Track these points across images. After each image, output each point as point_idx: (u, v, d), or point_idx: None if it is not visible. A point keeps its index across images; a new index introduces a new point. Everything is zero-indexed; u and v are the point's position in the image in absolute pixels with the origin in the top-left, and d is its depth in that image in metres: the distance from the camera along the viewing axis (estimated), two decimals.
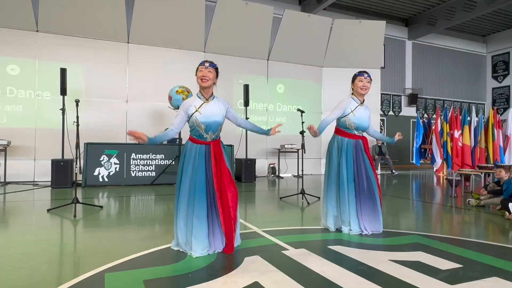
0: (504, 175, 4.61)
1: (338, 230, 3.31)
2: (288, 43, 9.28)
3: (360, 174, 3.17)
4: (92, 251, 2.63)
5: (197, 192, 2.56)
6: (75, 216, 3.82)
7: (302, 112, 5.21)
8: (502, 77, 15.30)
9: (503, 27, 14.66)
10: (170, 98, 6.86)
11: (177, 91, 6.79)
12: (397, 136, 3.51)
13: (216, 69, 2.67)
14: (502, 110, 14.64)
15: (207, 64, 2.62)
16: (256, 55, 9.18)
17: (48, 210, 4.12)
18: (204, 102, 2.63)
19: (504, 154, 9.16)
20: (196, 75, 2.63)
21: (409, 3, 12.40)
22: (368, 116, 3.27)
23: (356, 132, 3.24)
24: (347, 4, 12.29)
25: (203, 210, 2.55)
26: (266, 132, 2.94)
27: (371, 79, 3.23)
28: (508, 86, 15.01)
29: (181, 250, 2.60)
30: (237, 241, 2.73)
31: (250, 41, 8.90)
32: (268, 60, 9.40)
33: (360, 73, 3.23)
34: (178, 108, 6.74)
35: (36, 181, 7.04)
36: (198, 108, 2.60)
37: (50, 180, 6.30)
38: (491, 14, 13.09)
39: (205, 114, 2.60)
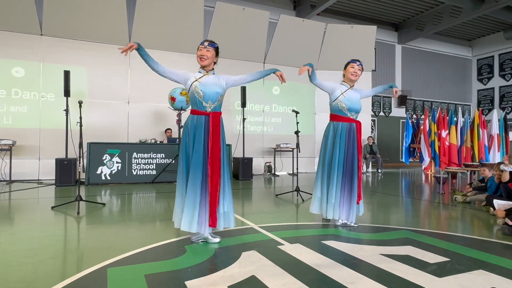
0: (488, 173, 4.83)
1: (325, 219, 3.44)
2: (284, 46, 9.54)
3: (348, 158, 3.27)
4: (95, 247, 2.67)
5: (192, 165, 2.65)
6: (78, 213, 3.88)
7: (297, 113, 5.31)
8: (486, 80, 15.82)
9: (488, 32, 15.14)
10: (173, 99, 7.04)
11: (181, 93, 7.00)
12: (395, 94, 3.42)
13: (216, 48, 2.77)
14: (486, 111, 15.14)
15: (206, 43, 2.73)
16: (252, 58, 9.44)
17: (52, 208, 4.19)
18: (204, 75, 2.78)
19: (489, 152, 9.50)
20: (196, 54, 2.77)
21: (399, 9, 12.77)
22: (358, 98, 3.34)
23: (349, 115, 3.31)
24: (340, 9, 12.62)
25: (197, 182, 2.64)
26: (273, 70, 2.95)
27: (362, 68, 3.31)
28: (493, 88, 15.52)
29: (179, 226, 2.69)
30: (221, 225, 2.76)
31: (246, 45, 9.14)
32: (264, 63, 9.67)
33: (353, 60, 3.33)
34: (180, 109, 7.03)
35: (40, 180, 7.19)
36: (198, 79, 2.74)
37: (54, 178, 6.42)
38: (476, 19, 13.55)
39: (204, 83, 2.72)
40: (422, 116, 11.57)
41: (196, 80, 2.73)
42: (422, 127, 9.76)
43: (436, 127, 9.39)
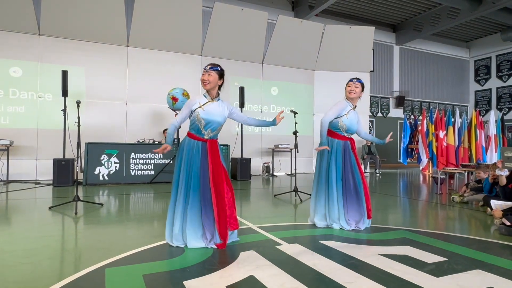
0: (483, 175, 4.88)
1: (327, 227, 3.42)
2: (282, 47, 9.56)
3: (347, 174, 3.31)
4: (92, 247, 2.67)
5: (192, 186, 2.68)
6: (76, 213, 3.87)
7: (295, 113, 5.31)
8: (484, 81, 15.89)
9: (485, 33, 15.21)
10: (174, 99, 7.00)
11: (183, 94, 7.01)
12: (388, 138, 3.57)
13: (218, 71, 2.75)
14: (484, 112, 15.21)
15: (208, 67, 2.75)
16: (251, 58, 9.45)
17: (50, 208, 4.18)
18: (209, 101, 2.77)
19: (486, 153, 9.56)
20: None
21: (397, 10, 12.81)
22: (357, 120, 3.43)
23: (345, 134, 3.39)
24: (338, 10, 12.65)
25: (197, 203, 2.68)
26: (273, 123, 3.07)
27: (360, 84, 3.36)
28: (490, 89, 15.58)
29: (175, 243, 2.68)
30: (234, 237, 2.82)
31: (245, 45, 9.15)
32: (262, 63, 9.69)
33: (351, 79, 3.40)
34: (179, 110, 7.02)
35: (38, 180, 7.18)
36: (202, 105, 2.73)
37: (52, 178, 6.42)
38: (473, 21, 13.60)
39: (208, 111, 2.72)
40: (420, 117, 11.61)
41: (200, 107, 2.73)
42: (420, 128, 9.80)
43: (434, 128, 9.46)
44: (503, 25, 14.02)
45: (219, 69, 2.78)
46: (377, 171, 10.39)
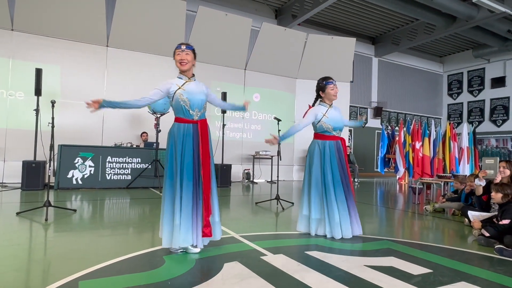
0: (460, 186, 5.07)
1: (318, 235, 3.36)
2: (265, 54, 9.60)
3: (346, 175, 3.25)
4: (64, 257, 2.48)
5: (184, 176, 2.56)
6: (46, 219, 3.65)
7: (279, 120, 5.28)
8: (456, 95, 16.60)
9: (458, 49, 15.95)
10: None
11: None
12: (362, 117, 3.55)
13: (193, 51, 2.70)
14: (456, 124, 15.86)
15: (183, 47, 2.64)
16: (234, 64, 9.42)
17: (17, 213, 3.93)
18: (187, 81, 2.68)
19: (459, 164, 9.94)
20: (174, 58, 2.67)
21: (376, 23, 13.20)
22: (340, 116, 3.37)
23: (335, 133, 3.32)
24: (320, 21, 12.89)
25: (189, 196, 2.56)
26: (243, 108, 3.08)
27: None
28: (462, 103, 16.30)
29: (182, 245, 2.56)
30: (218, 233, 2.76)
31: (228, 51, 9.11)
32: (245, 69, 9.67)
33: (329, 82, 3.32)
34: (156, 112, 6.84)
35: (4, 183, 6.77)
36: (182, 86, 2.63)
37: (20, 182, 6.08)
38: (447, 37, 14.23)
39: (189, 90, 2.63)
40: (397, 128, 11.93)
41: (179, 88, 2.63)
42: (397, 138, 10.05)
43: (411, 139, 9.71)
44: (474, 42, 14.75)
45: (193, 48, 2.72)
46: (356, 179, 10.54)
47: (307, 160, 3.43)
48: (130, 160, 6.93)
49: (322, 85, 3.36)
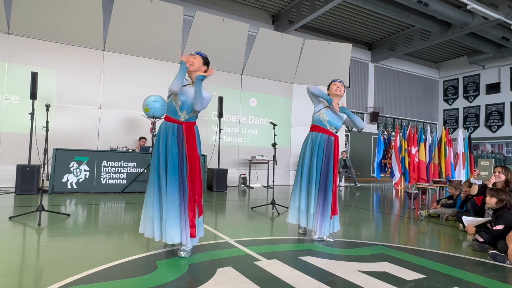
0: (455, 191, 5.10)
1: (301, 233, 3.47)
2: (262, 59, 9.62)
3: (323, 169, 3.29)
4: (56, 262, 2.47)
5: (169, 176, 2.64)
6: (39, 224, 3.61)
7: (274, 125, 5.25)
8: (452, 100, 16.72)
9: (453, 55, 16.10)
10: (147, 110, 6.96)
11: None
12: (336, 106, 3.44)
13: (203, 58, 2.83)
14: (452, 130, 15.95)
15: (193, 52, 2.85)
16: (230, 69, 9.43)
17: (10, 218, 3.90)
18: (189, 84, 2.80)
19: (455, 170, 9.98)
20: None
21: (372, 29, 13.31)
22: (340, 116, 3.43)
23: (328, 127, 3.38)
24: (317, 26, 12.98)
25: (175, 193, 2.64)
26: (203, 77, 2.73)
27: (344, 85, 3.49)
28: (457, 109, 16.42)
29: (149, 235, 2.67)
30: (200, 232, 2.80)
31: (225, 56, 9.12)
32: (242, 74, 9.69)
33: (334, 80, 3.51)
34: (153, 117, 6.84)
35: None
36: (182, 87, 2.73)
37: (14, 186, 6.01)
38: (443, 43, 14.37)
39: (185, 92, 2.72)
40: (393, 133, 11.98)
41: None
42: (393, 144, 10.08)
43: (407, 144, 9.74)
44: (470, 48, 14.89)
45: (203, 55, 2.85)
46: (357, 183, 10.81)
47: (301, 152, 3.52)
48: (126, 164, 6.89)
49: (329, 84, 3.55)
